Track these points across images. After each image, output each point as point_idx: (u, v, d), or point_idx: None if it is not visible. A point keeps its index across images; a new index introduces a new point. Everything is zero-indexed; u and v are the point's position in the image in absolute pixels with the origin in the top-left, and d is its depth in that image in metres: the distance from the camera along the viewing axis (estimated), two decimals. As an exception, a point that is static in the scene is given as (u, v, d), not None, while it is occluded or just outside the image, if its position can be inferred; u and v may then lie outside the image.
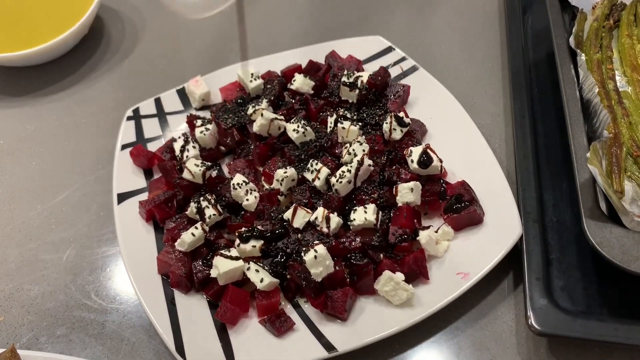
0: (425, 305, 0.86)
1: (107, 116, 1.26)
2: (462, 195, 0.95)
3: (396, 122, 1.04)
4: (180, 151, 1.07)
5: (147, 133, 1.15)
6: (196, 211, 0.97)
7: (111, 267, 1.02)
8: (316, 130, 1.08)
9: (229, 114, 1.13)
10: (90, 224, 1.09)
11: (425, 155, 0.98)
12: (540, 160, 1.03)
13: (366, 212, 0.93)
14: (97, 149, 1.21)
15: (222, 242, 0.95)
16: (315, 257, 0.86)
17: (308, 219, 0.94)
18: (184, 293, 0.92)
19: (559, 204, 0.98)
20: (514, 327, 0.89)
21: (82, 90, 1.33)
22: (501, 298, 0.92)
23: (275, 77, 1.19)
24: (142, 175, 1.10)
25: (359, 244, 0.92)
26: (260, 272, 0.88)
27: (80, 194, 1.14)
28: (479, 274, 0.87)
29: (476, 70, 1.26)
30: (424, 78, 1.17)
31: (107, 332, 0.94)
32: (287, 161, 1.05)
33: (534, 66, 1.21)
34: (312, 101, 1.13)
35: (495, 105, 1.19)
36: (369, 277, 0.87)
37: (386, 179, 1.00)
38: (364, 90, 1.11)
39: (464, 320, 0.90)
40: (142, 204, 1.01)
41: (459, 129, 1.07)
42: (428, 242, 0.91)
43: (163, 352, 0.91)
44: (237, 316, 0.87)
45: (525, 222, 0.93)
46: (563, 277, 0.90)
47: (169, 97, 1.21)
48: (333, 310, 0.85)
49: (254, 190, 1.00)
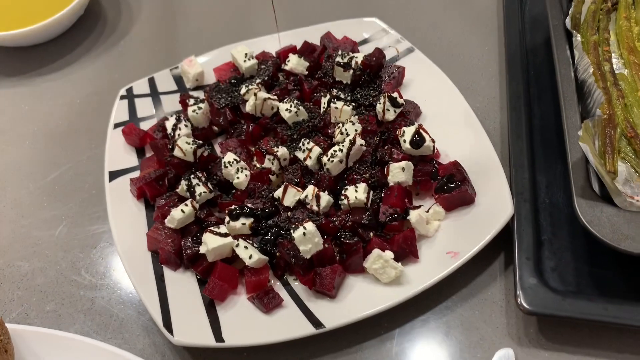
0: (413, 283, 0.86)
1: (102, 97, 1.26)
2: (454, 175, 0.95)
3: (389, 103, 1.04)
4: (172, 130, 1.07)
5: (140, 112, 1.15)
6: (187, 189, 0.97)
7: (102, 244, 1.03)
8: (309, 110, 1.08)
9: (222, 94, 1.13)
10: (82, 202, 1.09)
11: (417, 135, 0.98)
12: (534, 142, 1.03)
13: (357, 191, 0.93)
14: (90, 129, 1.21)
15: (212, 220, 0.95)
16: (304, 234, 0.86)
17: (298, 198, 0.94)
18: (173, 270, 0.92)
19: (552, 185, 0.98)
20: (504, 307, 0.88)
21: (77, 71, 1.33)
22: (492, 279, 0.92)
23: (270, 58, 1.18)
24: (135, 153, 1.10)
25: (349, 223, 0.91)
26: (249, 249, 0.89)
27: (73, 173, 1.14)
28: (469, 253, 0.87)
29: (473, 53, 1.25)
30: (420, 60, 1.16)
31: (97, 308, 0.94)
32: (279, 141, 1.05)
33: (530, 50, 1.20)
34: (305, 82, 1.13)
35: (491, 89, 1.18)
36: (358, 256, 0.88)
37: (378, 159, 1.00)
38: (358, 71, 1.11)
39: (454, 299, 0.89)
40: (133, 182, 1.01)
41: (453, 111, 1.07)
42: (418, 221, 0.90)
43: (151, 328, 0.91)
44: (225, 292, 0.87)
45: (517, 202, 0.92)
46: (554, 258, 0.89)
47: (163, 76, 1.21)
48: (321, 288, 0.85)
49: (244, 168, 1.00)
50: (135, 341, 0.90)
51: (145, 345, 0.89)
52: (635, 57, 1.03)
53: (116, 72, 1.32)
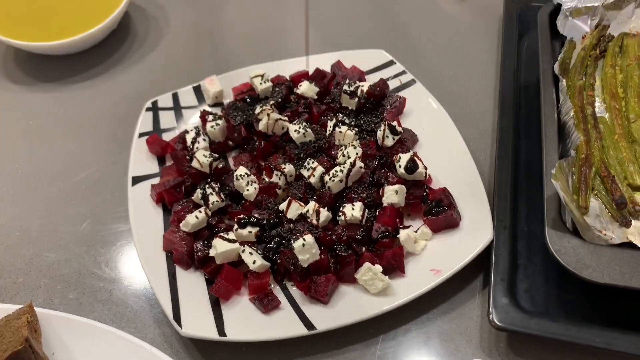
0: (399, 295, 0.93)
1: (128, 107, 1.36)
2: (442, 200, 1.04)
3: (389, 130, 1.14)
4: (192, 142, 1.17)
5: (163, 124, 1.25)
6: (201, 197, 1.04)
7: (122, 242, 1.10)
8: (316, 132, 1.17)
9: (238, 112, 1.22)
10: (106, 202, 1.18)
11: (412, 162, 1.07)
12: (519, 174, 1.12)
13: (353, 209, 1.02)
14: (116, 135, 1.31)
15: (222, 227, 1.02)
16: (303, 245, 0.95)
17: (301, 212, 1.03)
18: (184, 269, 0.99)
19: (532, 215, 1.06)
20: (479, 323, 0.97)
21: (107, 81, 1.44)
22: (470, 296, 1.01)
23: (284, 81, 1.28)
24: (156, 161, 1.18)
25: (344, 237, 1.01)
26: (253, 255, 0.96)
27: (99, 175, 1.23)
28: (450, 271, 0.96)
29: (470, 88, 1.34)
30: (420, 92, 1.26)
31: (114, 298, 1.02)
32: (287, 158, 1.11)
33: (523, 88, 1.29)
34: (315, 105, 1.22)
35: (484, 122, 1.27)
36: (350, 267, 0.94)
37: (375, 181, 1.09)
38: (363, 99, 1.20)
39: (434, 312, 0.96)
40: (153, 187, 1.10)
41: (447, 141, 1.16)
42: (407, 239, 1.00)
43: (162, 320, 0.98)
44: (230, 292, 0.94)
45: (497, 228, 1.01)
46: (527, 281, 0.98)
47: (185, 92, 1.30)
48: (316, 294, 0.93)
49: (254, 182, 1.09)
50: (147, 331, 0.97)
51: (155, 335, 0.96)
52: (616, 103, 1.13)
53: (142, 85, 1.42)
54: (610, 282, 0.84)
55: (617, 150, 1.03)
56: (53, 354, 0.92)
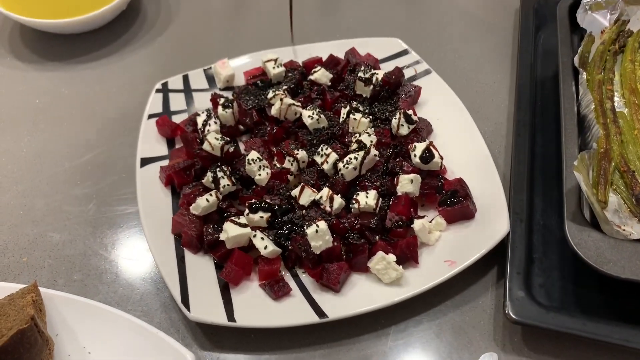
0: (412, 285, 0.92)
1: (136, 88, 1.34)
2: (458, 191, 1.02)
3: (404, 119, 1.12)
4: (203, 125, 1.15)
5: (173, 106, 1.23)
6: (212, 180, 1.03)
7: (128, 224, 1.09)
8: (329, 119, 1.15)
9: (250, 96, 1.20)
10: (113, 183, 1.16)
11: (427, 152, 1.06)
12: (535, 168, 1.10)
13: (367, 197, 1.00)
14: (124, 116, 1.29)
15: (232, 211, 1.01)
16: (317, 231, 0.93)
17: (313, 198, 1.00)
18: (193, 253, 0.97)
19: (548, 209, 1.05)
20: (492, 316, 0.96)
21: (115, 62, 1.41)
22: (484, 289, 0.99)
23: (297, 67, 1.26)
24: (165, 143, 1.17)
25: (357, 225, 0.99)
26: (265, 240, 0.95)
27: (106, 156, 1.22)
28: (465, 263, 0.94)
29: (486, 80, 1.33)
30: (436, 82, 1.24)
31: (120, 281, 1.00)
32: (299, 144, 1.10)
33: (540, 82, 1.27)
34: (328, 92, 1.20)
35: (500, 115, 1.26)
36: (363, 256, 0.93)
37: (389, 170, 1.07)
38: (378, 87, 1.18)
39: (447, 304, 0.95)
40: (162, 169, 1.09)
41: (462, 132, 1.14)
42: (421, 229, 0.98)
43: (169, 304, 0.98)
44: (240, 277, 0.93)
45: (513, 221, 1.00)
46: (542, 275, 0.96)
47: (196, 75, 1.28)
48: (327, 281, 0.92)
49: (266, 167, 1.07)
50: (153, 315, 0.96)
51: (162, 319, 0.95)
52: (636, 98, 1.11)
53: (151, 67, 1.39)
54: (631, 277, 0.83)
55: (636, 146, 1.02)
56: (57, 335, 0.90)
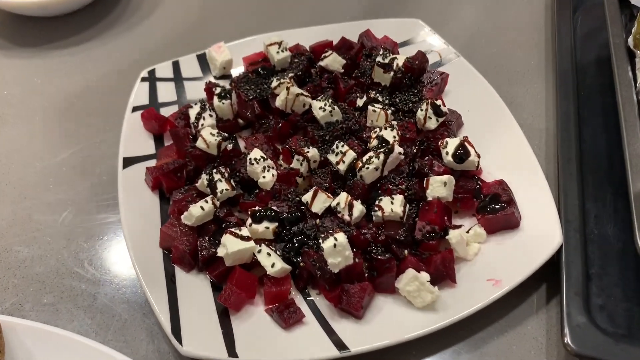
0: (450, 310, 0.79)
1: (121, 77, 1.20)
2: (499, 195, 0.87)
3: (432, 110, 0.96)
4: (196, 118, 1.00)
5: (161, 97, 1.09)
6: (207, 184, 0.89)
7: (109, 236, 0.95)
8: (344, 111, 1.01)
9: (250, 85, 1.06)
10: (92, 187, 1.02)
11: (461, 149, 0.90)
12: (584, 167, 0.95)
13: (393, 204, 0.85)
14: (106, 110, 1.14)
15: (232, 220, 0.88)
16: (335, 246, 0.78)
17: (329, 204, 0.87)
18: (186, 271, 0.86)
19: (602, 215, 0.90)
20: (544, 345, 0.81)
21: (97, 48, 1.27)
22: (531, 311, 0.84)
23: (304, 52, 1.12)
24: (152, 141, 1.03)
25: (381, 237, 0.84)
26: (271, 256, 0.81)
27: (84, 155, 1.07)
28: (513, 282, 0.80)
29: (517, 67, 1.18)
30: (464, 68, 1.09)
31: (98, 305, 0.87)
32: (309, 141, 0.98)
33: (580, 68, 1.12)
34: (341, 80, 1.05)
35: (537, 106, 1.11)
36: (390, 274, 0.81)
37: (416, 170, 0.92)
38: (400, 74, 1.03)
39: (489, 331, 0.82)
40: (149, 171, 0.94)
41: (498, 125, 1.00)
42: (459, 242, 0.83)
43: (157, 333, 0.83)
44: (242, 301, 0.81)
45: (566, 231, 0.85)
46: (602, 295, 0.82)
47: (188, 61, 1.14)
48: (348, 306, 0.79)
49: (271, 167, 0.92)
50: (138, 346, 0.82)
51: (148, 351, 0.82)
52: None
53: (138, 52, 1.25)
54: None
55: None
56: (20, 375, 0.75)
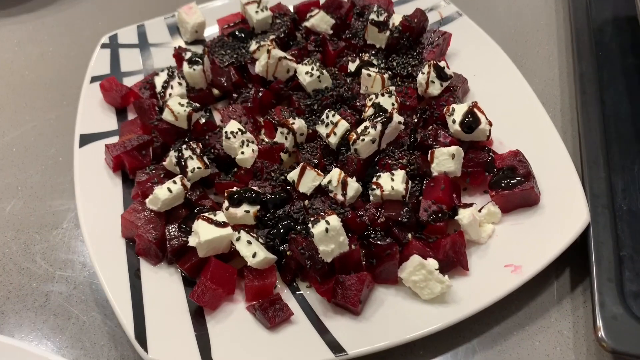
0: (462, 303, 0.70)
1: (81, 47, 1.11)
2: (516, 168, 0.77)
3: (435, 74, 0.86)
4: (163, 87, 0.90)
5: (124, 65, 1.00)
6: (176, 162, 0.81)
7: (65, 225, 0.87)
8: (334, 76, 0.93)
9: (226, 50, 0.98)
10: (45, 170, 0.94)
11: (471, 116, 0.79)
12: (608, 135, 0.85)
13: (393, 180, 0.75)
14: (64, 82, 1.06)
15: (206, 204, 0.81)
16: (327, 231, 0.68)
17: (318, 183, 0.77)
18: (152, 264, 0.77)
19: (629, 188, 0.82)
20: (572, 340, 0.71)
21: (54, 14, 1.18)
22: (554, 300, 0.75)
23: (287, 12, 1.03)
24: (114, 115, 0.95)
25: (381, 219, 0.75)
26: (253, 245, 0.72)
27: (37, 134, 0.99)
28: (536, 268, 0.71)
29: (527, 26, 1.10)
30: (468, 27, 1.01)
31: (52, 305, 0.79)
32: (295, 111, 0.89)
33: (597, 30, 1.02)
34: (330, 42, 0.97)
35: (550, 69, 1.02)
36: (392, 262, 0.73)
37: (419, 142, 0.82)
38: (397, 34, 0.92)
39: (507, 324, 0.73)
40: (109, 149, 0.85)
41: (509, 91, 0.92)
42: (471, 223, 0.72)
43: (120, 337, 0.75)
44: (218, 299, 0.73)
45: (594, 207, 0.76)
46: (637, 281, 0.73)
47: (155, 25, 1.06)
48: (344, 301, 0.70)
49: (251, 142, 0.81)
50: (99, 353, 0.74)
51: (110, 359, 0.72)
52: None
53: (100, 19, 1.17)
54: None
55: None
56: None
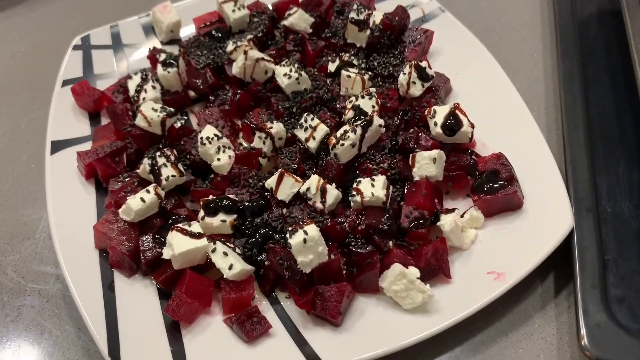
0: (444, 312, 0.69)
1: (52, 48, 1.09)
2: (498, 171, 0.76)
3: (416, 74, 0.84)
4: (136, 91, 0.88)
5: (97, 68, 0.98)
6: (150, 170, 0.79)
7: (38, 235, 0.85)
8: (313, 77, 0.91)
9: (202, 50, 0.96)
10: (16, 178, 0.92)
11: (453, 118, 0.78)
12: (592, 135, 0.84)
13: (373, 186, 0.73)
14: (34, 86, 1.04)
15: (182, 213, 0.79)
16: (305, 241, 0.66)
17: (297, 190, 0.76)
18: (126, 276, 0.76)
19: (614, 190, 0.81)
20: (555, 347, 0.70)
21: (25, 14, 1.16)
22: (538, 306, 0.74)
23: (265, 10, 1.01)
24: (87, 120, 0.92)
25: (361, 226, 0.73)
26: (229, 256, 0.71)
27: (7, 140, 0.97)
28: (518, 275, 0.70)
29: (511, 22, 1.09)
30: (451, 24, 0.99)
31: (23, 319, 0.77)
32: (273, 114, 0.88)
33: (582, 24, 1.01)
34: (309, 41, 0.96)
35: (534, 66, 1.01)
36: (373, 272, 0.72)
37: (400, 145, 0.80)
38: (377, 32, 0.91)
39: (490, 332, 0.72)
40: (81, 156, 0.83)
41: (492, 90, 0.90)
42: (452, 230, 0.70)
43: (95, 352, 0.73)
44: (194, 312, 0.71)
45: (577, 211, 0.74)
46: (621, 285, 0.72)
47: (128, 25, 1.04)
48: (323, 312, 0.69)
49: (227, 147, 0.80)
50: None
51: None
52: None
53: (72, 18, 1.15)
54: None
55: None
56: None
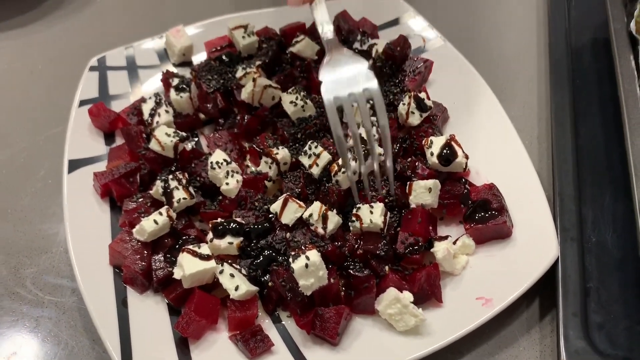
0: (435, 335, 0.72)
1: (69, 65, 1.11)
2: (489, 201, 0.79)
3: (415, 105, 0.87)
4: (150, 115, 0.90)
5: (112, 89, 1.00)
6: (162, 192, 0.81)
7: (55, 249, 0.87)
8: (318, 105, 0.92)
9: (213, 75, 0.98)
10: (35, 193, 0.93)
11: (448, 149, 0.81)
12: (580, 166, 0.87)
13: (372, 213, 0.77)
14: (52, 102, 1.05)
15: (192, 234, 0.81)
16: (307, 266, 0.69)
17: (300, 215, 0.78)
18: (139, 292, 0.78)
19: (599, 221, 0.83)
20: None
21: (42, 31, 1.18)
22: (523, 330, 0.77)
23: (273, 36, 1.03)
24: (102, 140, 0.94)
25: (359, 251, 0.76)
26: (235, 278, 0.73)
27: (26, 156, 0.98)
28: (504, 302, 0.73)
29: (509, 51, 1.11)
30: (450, 54, 1.01)
31: (41, 331, 0.79)
32: (279, 139, 0.90)
33: (575, 54, 1.04)
34: (315, 69, 0.97)
35: (529, 95, 1.03)
36: (369, 295, 0.74)
37: (398, 173, 0.84)
38: (379, 62, 0.94)
39: (478, 354, 0.75)
40: (97, 176, 0.85)
41: (487, 120, 0.93)
42: (445, 257, 0.74)
43: None
44: (202, 329, 0.73)
45: (563, 240, 0.78)
46: (602, 312, 0.75)
47: (143, 47, 1.05)
48: (322, 332, 0.71)
49: (236, 172, 0.83)
50: None
51: None
52: None
53: (89, 36, 1.17)
54: None
55: None
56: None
